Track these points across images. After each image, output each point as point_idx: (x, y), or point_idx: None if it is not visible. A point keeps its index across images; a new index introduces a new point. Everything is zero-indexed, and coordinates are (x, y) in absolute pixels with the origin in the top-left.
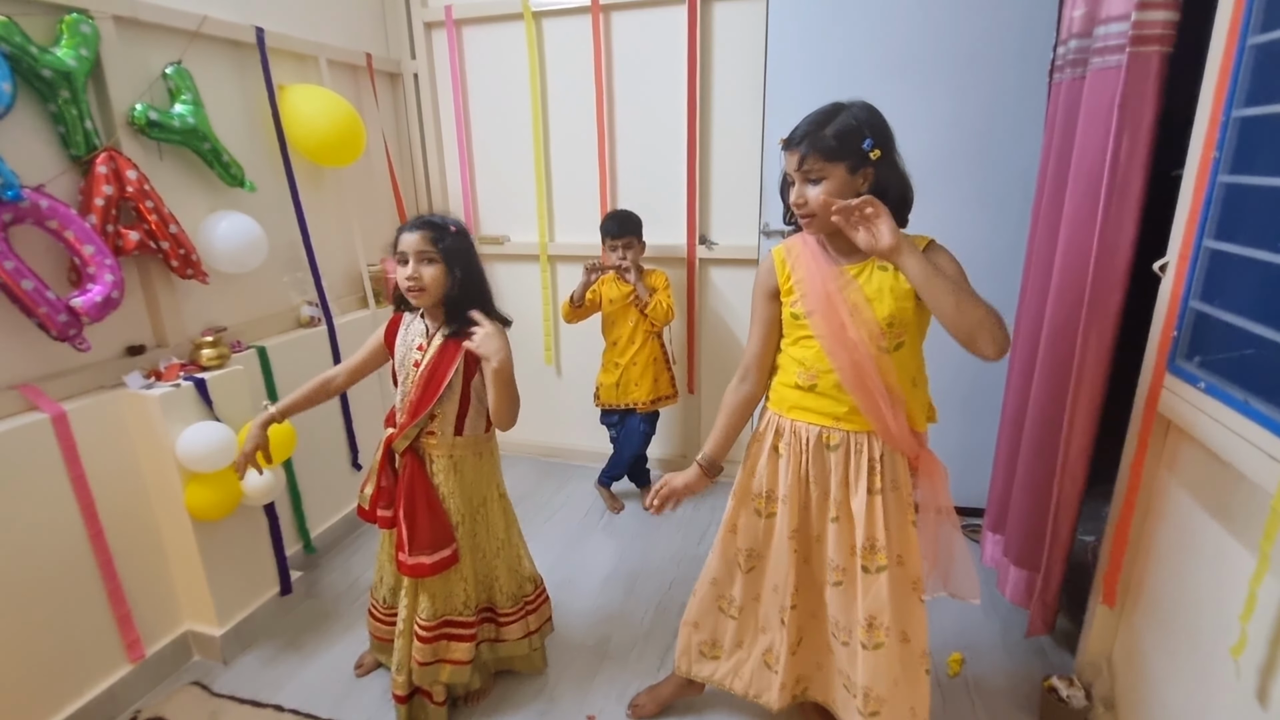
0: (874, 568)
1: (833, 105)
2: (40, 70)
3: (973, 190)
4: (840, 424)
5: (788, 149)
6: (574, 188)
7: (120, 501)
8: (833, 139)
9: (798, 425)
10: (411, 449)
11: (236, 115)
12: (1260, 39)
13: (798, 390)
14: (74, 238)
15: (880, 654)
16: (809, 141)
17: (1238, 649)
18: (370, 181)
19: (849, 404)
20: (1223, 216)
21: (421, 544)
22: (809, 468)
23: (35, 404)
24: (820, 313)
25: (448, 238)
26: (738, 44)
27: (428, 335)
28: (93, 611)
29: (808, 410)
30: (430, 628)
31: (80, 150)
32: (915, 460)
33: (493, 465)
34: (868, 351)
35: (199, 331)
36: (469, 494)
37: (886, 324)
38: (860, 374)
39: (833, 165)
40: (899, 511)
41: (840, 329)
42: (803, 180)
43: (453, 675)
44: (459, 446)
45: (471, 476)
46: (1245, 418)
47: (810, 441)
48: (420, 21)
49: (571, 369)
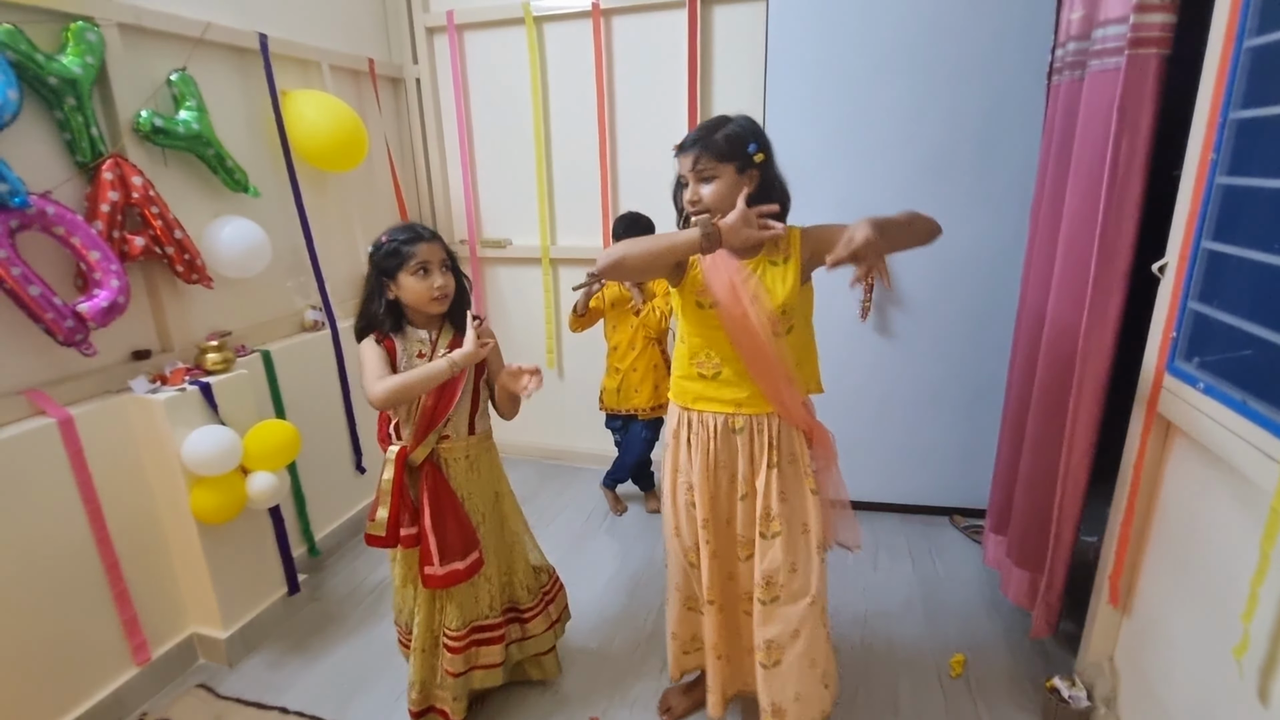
0: (770, 534)
1: (720, 117)
2: (46, 77)
3: (972, 191)
4: (742, 409)
5: (682, 153)
6: (575, 191)
7: (126, 505)
8: (723, 142)
9: (704, 415)
10: (429, 460)
11: (240, 121)
12: (1256, 41)
13: (701, 380)
14: (80, 244)
15: (776, 608)
16: (701, 144)
17: (1240, 649)
18: (373, 186)
19: (750, 389)
20: (1221, 218)
21: (454, 551)
22: (717, 454)
23: (42, 409)
24: (725, 304)
25: (446, 247)
26: (738, 47)
27: (430, 344)
28: (99, 615)
29: (711, 400)
30: (460, 637)
31: (86, 157)
32: (809, 432)
33: (499, 459)
34: (767, 336)
35: (204, 336)
36: (485, 491)
37: (780, 311)
38: (761, 358)
39: (723, 165)
40: (796, 481)
41: (743, 317)
42: (696, 180)
43: (484, 679)
44: (474, 445)
45: (487, 473)
46: (1244, 418)
47: (717, 428)
48: (422, 26)
49: (574, 372)
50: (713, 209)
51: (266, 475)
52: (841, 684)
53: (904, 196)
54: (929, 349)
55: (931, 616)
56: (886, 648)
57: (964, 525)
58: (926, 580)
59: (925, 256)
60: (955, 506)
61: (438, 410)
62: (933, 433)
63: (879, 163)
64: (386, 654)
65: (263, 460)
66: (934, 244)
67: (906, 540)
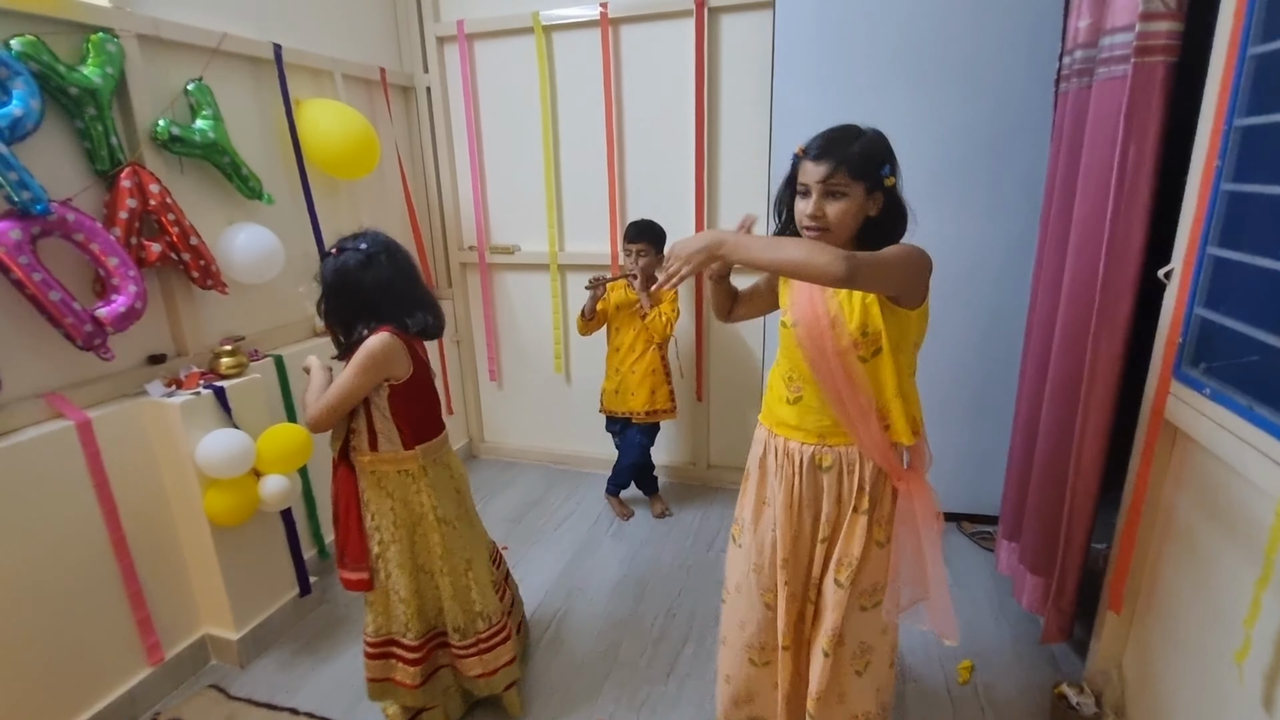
0: (845, 583)
1: (851, 125)
2: (68, 88)
3: (981, 199)
4: (827, 440)
5: (814, 159)
6: (583, 198)
7: (141, 507)
8: (860, 158)
9: (789, 445)
10: (345, 456)
11: (255, 129)
12: (1260, 49)
13: (786, 405)
14: (99, 250)
15: (834, 663)
16: (838, 157)
17: (1241, 654)
18: (384, 193)
19: (833, 418)
20: (1226, 224)
21: (340, 557)
22: (802, 491)
23: (61, 411)
24: (805, 324)
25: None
26: (745, 55)
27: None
28: (114, 615)
29: (795, 429)
30: (376, 644)
31: (105, 165)
32: (898, 480)
33: (424, 486)
34: (850, 360)
35: (218, 341)
36: (399, 511)
37: (860, 333)
38: (837, 384)
39: (855, 184)
40: (866, 530)
41: (821, 337)
42: (823, 193)
43: (402, 697)
44: (379, 462)
45: (399, 496)
46: (1250, 424)
47: (804, 463)
48: (433, 36)
49: (581, 377)
50: (833, 229)
51: (279, 478)
52: None
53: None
54: (939, 355)
55: None
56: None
57: (972, 532)
58: None
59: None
60: (964, 513)
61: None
62: (942, 439)
63: None
64: None
65: (275, 463)
66: (943, 250)
67: None
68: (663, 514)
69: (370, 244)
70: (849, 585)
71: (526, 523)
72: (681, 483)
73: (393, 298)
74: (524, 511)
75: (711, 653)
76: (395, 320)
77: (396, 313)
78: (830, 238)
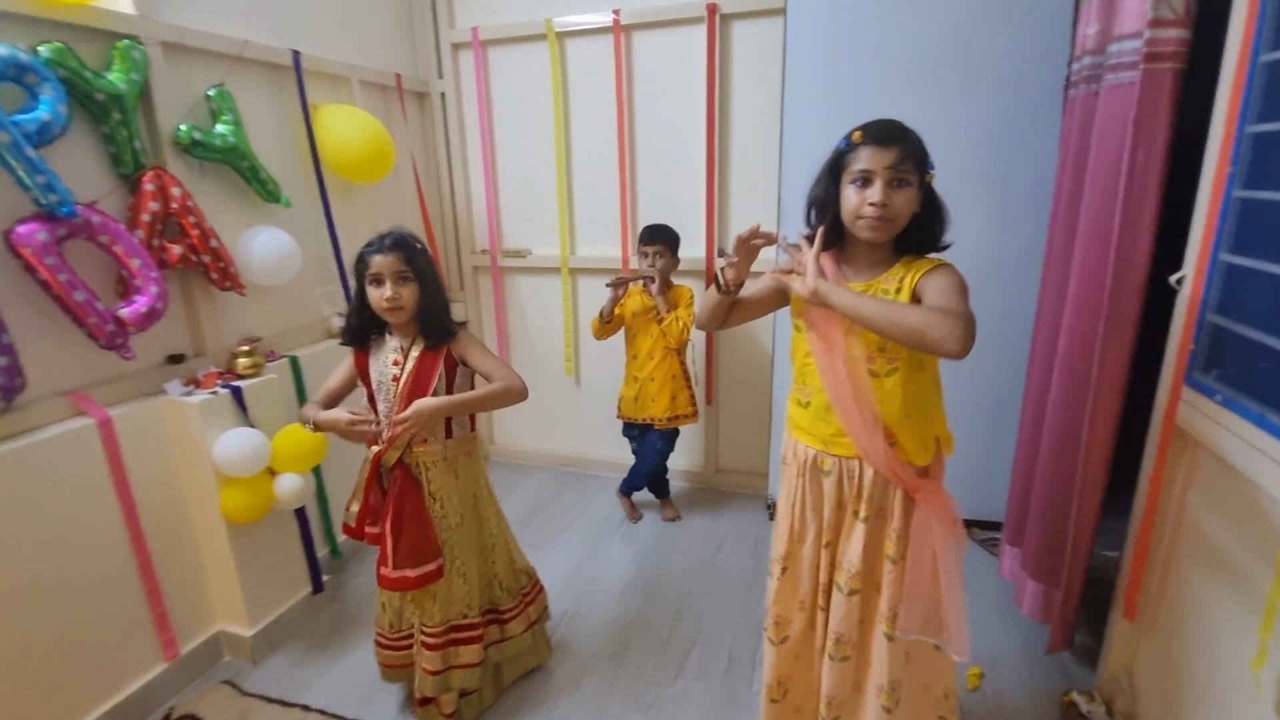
0: (846, 590)
1: (894, 120)
2: (94, 93)
3: (989, 204)
4: (829, 448)
5: (879, 144)
6: (595, 202)
7: (159, 504)
8: (920, 148)
9: (798, 446)
10: (401, 462)
11: (273, 134)
12: (1271, 56)
13: (799, 408)
14: (122, 251)
15: (845, 666)
16: (905, 142)
17: (1257, 662)
18: (398, 197)
19: (836, 426)
20: (1239, 230)
21: (405, 558)
22: (804, 492)
23: (83, 409)
24: (819, 329)
25: (418, 256)
26: (756, 61)
27: (402, 351)
28: (131, 610)
29: (804, 431)
30: (437, 634)
31: (129, 169)
32: (913, 492)
33: (480, 462)
34: (859, 372)
35: (235, 341)
36: (464, 493)
37: (878, 347)
38: (844, 393)
39: (916, 173)
40: (876, 542)
41: (831, 345)
42: (888, 180)
43: (463, 680)
44: (451, 448)
45: (465, 475)
46: (1262, 431)
47: (807, 465)
48: (448, 43)
49: (591, 380)
50: (897, 220)
51: (294, 477)
52: None
53: None
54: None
55: None
56: None
57: (981, 538)
58: None
59: None
60: (971, 519)
61: None
62: None
63: None
64: None
65: (290, 462)
66: (951, 256)
67: None
68: (672, 519)
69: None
70: (847, 592)
71: (536, 525)
72: (691, 486)
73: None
74: (534, 514)
75: (719, 654)
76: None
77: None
78: (891, 230)
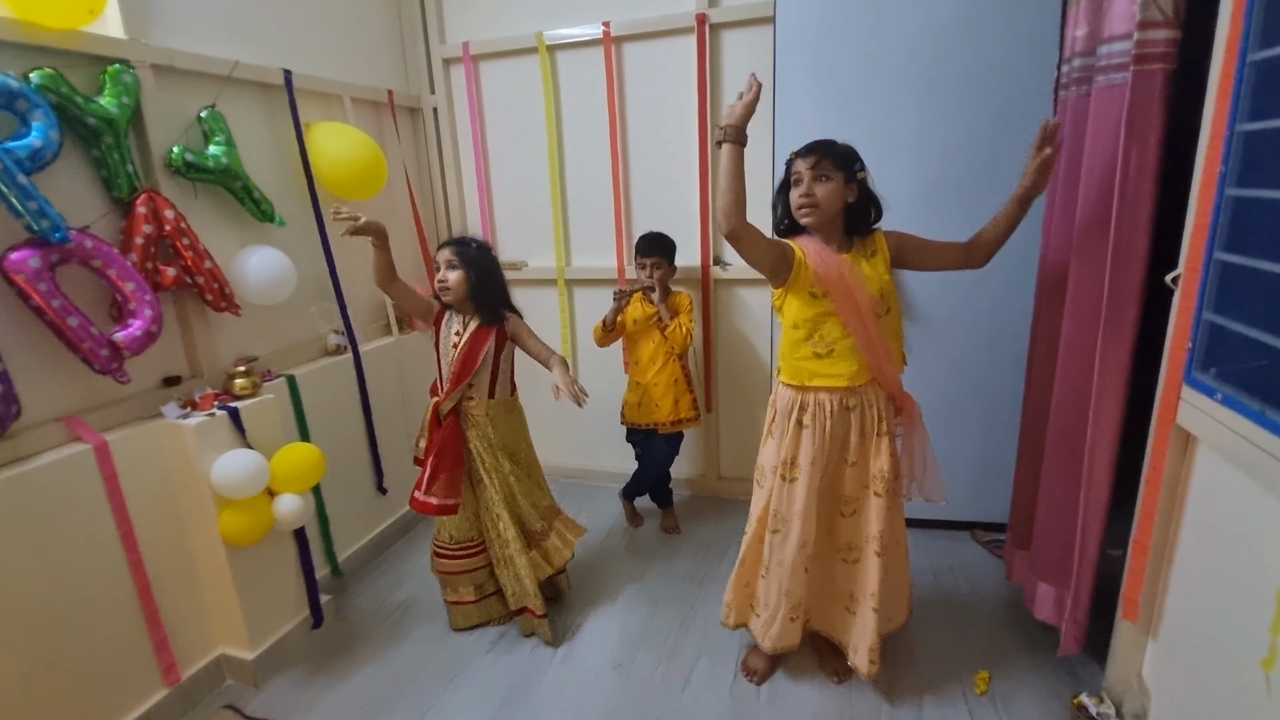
0: (883, 492)
1: (830, 139)
2: (85, 118)
3: (983, 207)
4: (854, 380)
5: (803, 155)
6: (590, 213)
7: (157, 528)
8: (841, 153)
9: (820, 396)
10: (455, 411)
11: (266, 153)
12: (1260, 55)
13: (815, 359)
14: (116, 275)
15: (883, 561)
16: (824, 151)
17: (1269, 662)
18: (393, 212)
19: (860, 362)
20: (1232, 229)
21: (434, 488)
22: (833, 428)
23: (79, 435)
24: (836, 292)
25: (469, 251)
26: (746, 69)
27: (464, 324)
28: (131, 636)
29: (826, 376)
30: (538, 529)
31: (122, 192)
32: (900, 400)
33: (521, 420)
34: (871, 317)
35: (231, 362)
36: (505, 443)
37: (879, 295)
38: (868, 335)
39: (837, 171)
40: (889, 446)
41: (851, 300)
42: (814, 177)
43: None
44: (493, 407)
45: (504, 429)
46: (1262, 429)
47: (833, 409)
48: (439, 58)
49: (590, 391)
50: (821, 206)
51: (292, 497)
52: (864, 704)
53: (915, 213)
54: (945, 364)
55: (955, 633)
56: (910, 665)
57: (986, 540)
58: (949, 596)
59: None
60: (976, 521)
61: (460, 375)
62: (951, 447)
63: (889, 180)
64: (409, 675)
65: (289, 483)
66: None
67: (928, 556)
68: (672, 530)
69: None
70: (886, 495)
71: None
72: (694, 495)
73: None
74: None
75: (726, 667)
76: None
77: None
78: (819, 214)
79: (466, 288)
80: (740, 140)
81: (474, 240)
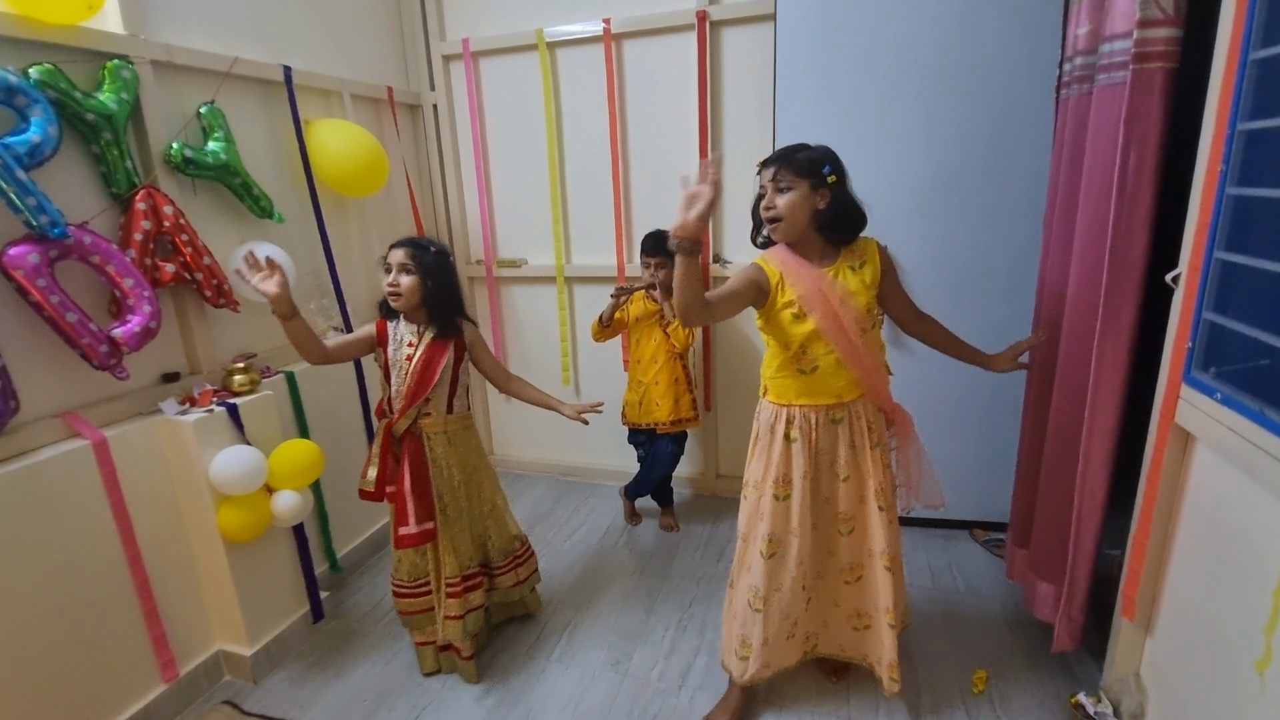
0: (885, 505)
1: (801, 143)
2: (84, 114)
3: (984, 206)
4: (841, 397)
5: (764, 167)
6: (589, 211)
7: (156, 524)
8: (803, 161)
9: (806, 410)
10: (410, 432)
11: (265, 150)
12: (1262, 54)
13: (800, 377)
14: (115, 271)
15: (893, 575)
16: (783, 160)
17: (1263, 663)
18: (392, 209)
19: (847, 378)
20: (1233, 228)
21: (421, 516)
22: (818, 442)
23: (78, 431)
24: (819, 310)
25: (426, 255)
26: (747, 67)
27: (417, 335)
28: (130, 632)
29: (812, 394)
30: (457, 583)
31: (121, 188)
32: (891, 413)
33: (478, 438)
34: (858, 332)
35: (230, 358)
36: (464, 463)
37: (866, 310)
38: (855, 351)
39: (799, 180)
40: (883, 458)
41: (835, 318)
42: (774, 190)
43: (475, 620)
44: (452, 423)
45: (464, 448)
46: (1262, 428)
47: (819, 421)
48: (439, 55)
49: (590, 389)
50: (784, 217)
51: (291, 494)
52: (861, 702)
53: (917, 212)
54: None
55: (953, 632)
56: (907, 664)
57: (984, 539)
58: (947, 595)
59: (938, 270)
60: (975, 520)
61: (418, 390)
62: (951, 446)
63: (891, 179)
64: (408, 670)
65: (287, 479)
66: (947, 257)
67: (926, 555)
68: (670, 529)
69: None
70: (889, 508)
71: (536, 535)
72: (693, 493)
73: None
74: (533, 523)
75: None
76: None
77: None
78: (785, 227)
79: (421, 295)
80: (695, 252)
81: (432, 243)
